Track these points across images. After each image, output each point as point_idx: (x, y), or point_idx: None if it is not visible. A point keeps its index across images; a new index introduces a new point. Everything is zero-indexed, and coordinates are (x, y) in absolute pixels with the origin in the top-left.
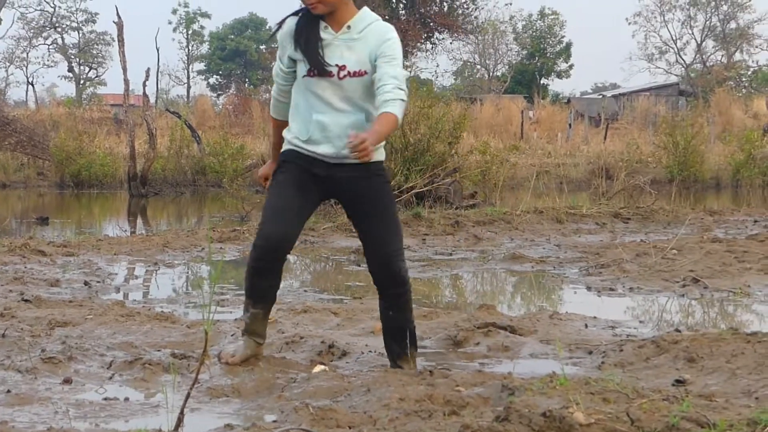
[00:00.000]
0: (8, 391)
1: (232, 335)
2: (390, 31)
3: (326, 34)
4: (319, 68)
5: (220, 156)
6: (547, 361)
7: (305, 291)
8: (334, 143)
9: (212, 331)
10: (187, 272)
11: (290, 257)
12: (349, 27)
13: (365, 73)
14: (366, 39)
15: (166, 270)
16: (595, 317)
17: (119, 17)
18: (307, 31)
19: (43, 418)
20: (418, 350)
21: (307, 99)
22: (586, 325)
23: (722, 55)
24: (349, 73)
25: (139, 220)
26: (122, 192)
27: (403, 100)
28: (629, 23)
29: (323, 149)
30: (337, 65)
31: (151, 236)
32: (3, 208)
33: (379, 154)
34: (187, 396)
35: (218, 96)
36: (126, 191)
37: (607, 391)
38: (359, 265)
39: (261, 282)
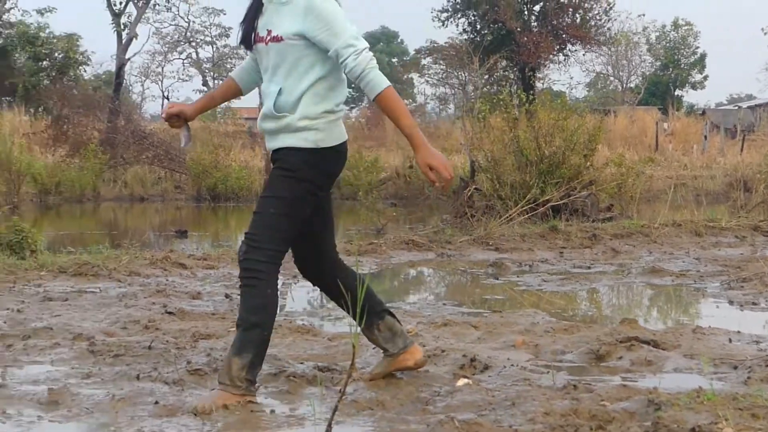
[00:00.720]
0: (156, 403)
1: (374, 348)
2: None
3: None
4: (241, 37)
5: (354, 169)
6: (692, 376)
7: (444, 304)
8: (260, 113)
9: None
10: None
11: (426, 270)
12: None
13: (281, 39)
14: (293, 5)
15: (304, 283)
16: (738, 332)
17: None
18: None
19: (191, 430)
20: (557, 364)
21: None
22: (730, 340)
23: None
24: (272, 38)
25: None
26: None
27: (370, 59)
28: (765, 33)
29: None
30: (267, 30)
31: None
32: (142, 221)
33: (290, 140)
34: (335, 409)
35: (351, 109)
36: None
37: (756, 407)
38: (497, 279)
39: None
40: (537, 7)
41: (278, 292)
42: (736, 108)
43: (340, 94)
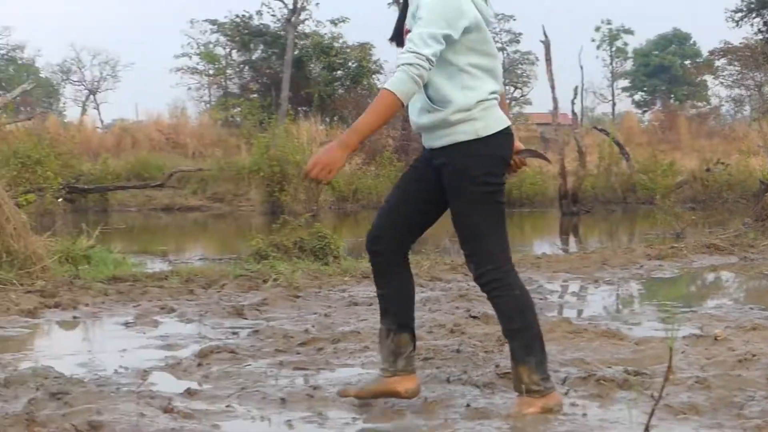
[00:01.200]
0: (468, 405)
1: (682, 352)
2: None
3: None
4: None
5: (650, 173)
6: None
7: (750, 308)
8: (410, 110)
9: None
10: (629, 289)
11: (727, 275)
12: None
13: (409, 31)
14: None
15: (606, 287)
16: None
17: (546, 36)
18: None
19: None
20: None
21: None
22: None
23: None
24: (406, 31)
25: (572, 238)
26: (552, 210)
27: (408, 64)
28: None
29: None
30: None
31: (589, 254)
32: (438, 228)
33: (449, 138)
34: (652, 413)
35: (643, 112)
36: (556, 209)
37: None
38: None
39: (377, 286)
40: None
41: (524, 286)
42: None
43: (488, 83)
